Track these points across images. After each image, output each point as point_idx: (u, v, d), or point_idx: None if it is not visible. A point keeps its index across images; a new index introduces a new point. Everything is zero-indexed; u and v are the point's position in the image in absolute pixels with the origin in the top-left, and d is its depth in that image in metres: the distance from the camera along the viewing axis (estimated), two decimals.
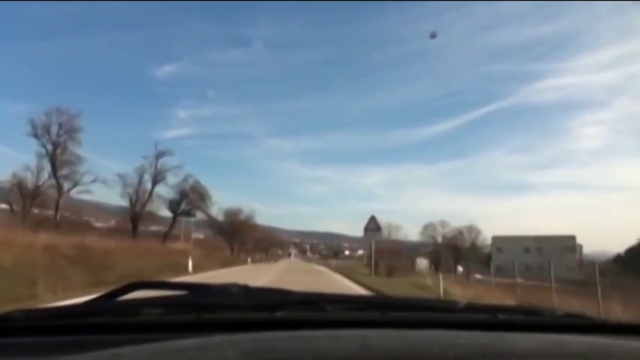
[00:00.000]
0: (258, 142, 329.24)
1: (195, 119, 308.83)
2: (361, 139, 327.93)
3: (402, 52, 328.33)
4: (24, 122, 28.98)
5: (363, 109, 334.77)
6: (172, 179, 37.37)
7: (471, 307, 1.21)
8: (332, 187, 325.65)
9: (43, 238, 16.82)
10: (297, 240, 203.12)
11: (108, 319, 1.09)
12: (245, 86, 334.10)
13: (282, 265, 47.40)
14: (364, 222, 30.31)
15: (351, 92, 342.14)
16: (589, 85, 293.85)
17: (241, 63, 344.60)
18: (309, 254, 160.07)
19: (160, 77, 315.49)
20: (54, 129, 29.45)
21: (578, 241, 63.85)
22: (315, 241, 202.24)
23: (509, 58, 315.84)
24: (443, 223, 57.97)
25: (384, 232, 37.36)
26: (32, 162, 30.38)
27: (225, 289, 1.12)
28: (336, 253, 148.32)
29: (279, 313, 1.06)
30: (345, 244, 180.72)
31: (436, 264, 52.81)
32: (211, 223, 50.81)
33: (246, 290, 1.12)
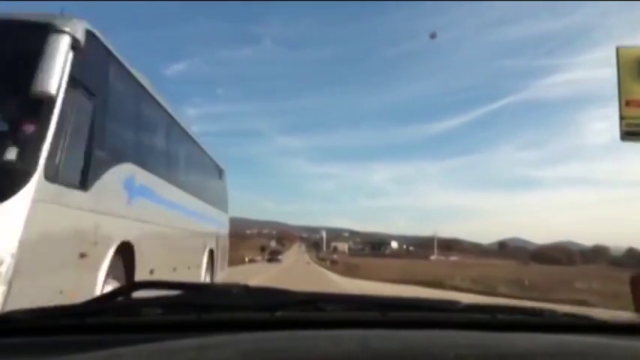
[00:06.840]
0: (267, 140, 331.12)
1: (204, 117, 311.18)
2: (370, 136, 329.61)
3: (411, 49, 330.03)
4: None
5: (373, 105, 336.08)
6: None
7: (471, 308, 1.20)
8: (341, 183, 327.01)
9: None
10: (304, 235, 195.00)
11: (108, 319, 1.09)
12: (254, 84, 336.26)
13: None
14: (374, 218, 27.27)
15: (361, 89, 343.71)
16: (599, 80, 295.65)
17: (251, 61, 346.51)
18: (333, 251, 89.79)
19: (169, 75, 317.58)
20: None
21: (583, 237, 58.40)
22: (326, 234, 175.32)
23: (520, 54, 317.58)
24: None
25: None
26: None
27: (225, 289, 1.12)
28: (376, 247, 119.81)
29: (279, 313, 1.06)
30: (358, 240, 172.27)
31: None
32: None
33: (246, 290, 1.13)
